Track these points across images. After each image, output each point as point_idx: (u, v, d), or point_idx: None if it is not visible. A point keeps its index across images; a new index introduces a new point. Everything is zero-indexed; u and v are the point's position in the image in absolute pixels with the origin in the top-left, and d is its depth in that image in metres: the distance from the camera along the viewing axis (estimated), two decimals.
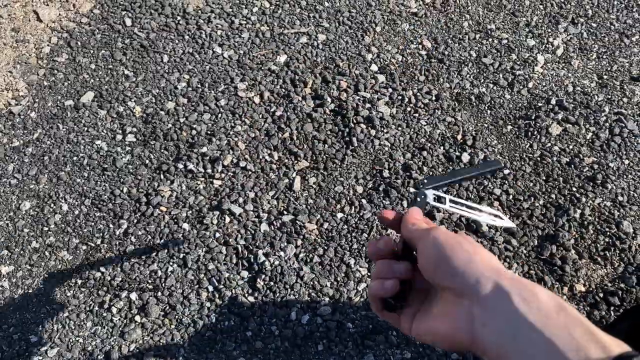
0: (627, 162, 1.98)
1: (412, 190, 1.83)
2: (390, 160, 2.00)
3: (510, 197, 1.91)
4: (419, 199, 0.79)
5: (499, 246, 1.80)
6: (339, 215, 1.87)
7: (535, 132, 2.07)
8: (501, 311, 0.52)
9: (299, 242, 1.80)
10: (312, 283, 1.73)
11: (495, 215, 0.84)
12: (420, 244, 0.63)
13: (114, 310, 1.71)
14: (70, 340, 1.67)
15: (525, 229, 1.84)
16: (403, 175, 1.95)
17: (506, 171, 1.97)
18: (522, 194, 1.92)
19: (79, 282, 1.78)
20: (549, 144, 2.05)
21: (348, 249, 1.79)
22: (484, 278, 0.55)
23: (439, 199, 0.83)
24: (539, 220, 1.86)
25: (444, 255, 0.59)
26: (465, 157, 2.00)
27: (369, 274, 1.75)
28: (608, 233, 1.82)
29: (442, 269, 0.58)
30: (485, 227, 1.83)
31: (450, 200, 0.80)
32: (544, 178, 1.96)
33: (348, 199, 1.91)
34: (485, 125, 2.12)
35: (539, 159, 2.01)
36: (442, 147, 2.04)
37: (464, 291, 0.56)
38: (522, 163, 2.00)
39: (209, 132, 2.09)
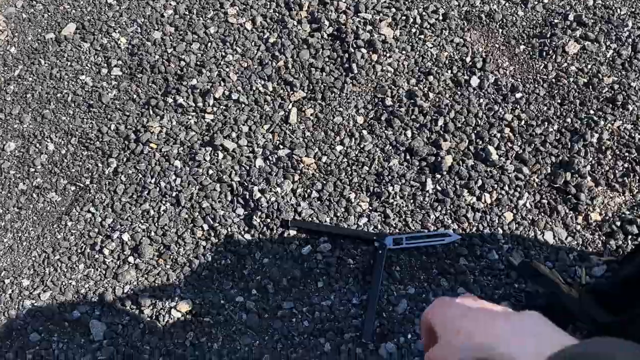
0: None
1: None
2: (393, 87, 1.86)
3: (522, 122, 1.78)
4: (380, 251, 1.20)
5: (509, 175, 1.68)
6: (338, 147, 1.76)
7: (551, 52, 1.91)
8: None
9: (296, 177, 1.71)
10: (310, 219, 1.64)
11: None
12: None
13: (106, 251, 1.65)
14: (63, 284, 1.62)
15: (538, 156, 1.72)
16: (407, 103, 1.82)
17: (518, 95, 1.82)
18: (535, 118, 1.78)
19: (69, 224, 1.71)
20: (565, 64, 1.88)
21: (348, 183, 1.69)
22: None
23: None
24: (553, 147, 1.73)
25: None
26: (475, 81, 1.85)
27: (370, 207, 1.66)
28: (627, 158, 1.69)
29: None
30: (495, 155, 1.71)
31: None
32: (559, 101, 1.82)
33: (348, 130, 1.79)
34: (497, 45, 1.95)
35: (554, 80, 1.86)
36: (449, 71, 1.89)
37: None
38: (536, 85, 1.85)
39: (198, 63, 1.95)
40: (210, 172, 1.73)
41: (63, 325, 1.56)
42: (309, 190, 1.68)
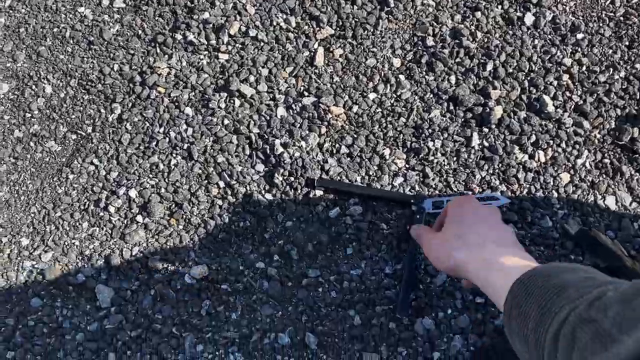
0: None
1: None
2: (435, 24, 1.61)
3: (584, 68, 1.54)
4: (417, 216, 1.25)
5: (567, 130, 1.47)
6: (372, 95, 1.54)
7: None
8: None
9: (323, 129, 1.50)
10: (339, 178, 1.45)
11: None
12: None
13: (112, 209, 1.49)
14: (66, 243, 1.47)
15: (601, 108, 1.49)
16: (451, 43, 1.58)
17: (579, 35, 1.57)
18: (598, 64, 1.54)
19: (71, 177, 1.54)
20: (635, 0, 1.62)
21: (382, 137, 1.49)
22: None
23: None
24: (619, 97, 1.50)
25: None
26: (529, 19, 1.60)
27: (406, 165, 1.46)
28: None
29: None
30: (551, 106, 1.49)
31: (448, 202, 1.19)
32: (627, 43, 1.57)
33: (382, 74, 1.56)
34: None
35: (621, 18, 1.60)
36: (500, 6, 1.63)
37: None
38: (600, 25, 1.59)
39: None
40: (226, 121, 1.53)
41: (67, 290, 1.42)
42: (337, 145, 1.49)
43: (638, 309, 0.51)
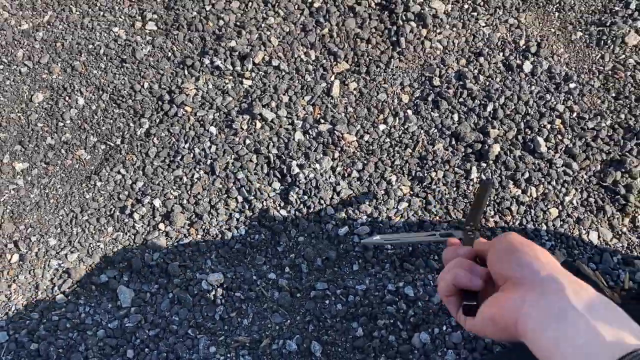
0: None
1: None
2: (442, 66, 1.77)
3: (575, 114, 1.70)
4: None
5: (558, 169, 1.62)
6: (382, 126, 1.69)
7: (609, 41, 1.81)
8: (552, 295, 0.58)
9: (336, 154, 1.64)
10: (349, 199, 1.59)
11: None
12: (493, 245, 0.71)
13: (136, 216, 1.60)
14: (91, 245, 1.58)
15: (589, 152, 1.65)
16: (456, 84, 1.74)
17: (572, 85, 1.74)
18: (587, 111, 1.71)
19: (99, 184, 1.65)
20: (623, 56, 1.79)
21: (390, 164, 1.63)
22: (545, 270, 0.61)
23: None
24: (605, 143, 1.66)
25: (516, 249, 0.66)
26: (527, 66, 1.77)
27: (411, 192, 1.60)
28: None
29: (511, 260, 0.66)
30: (543, 147, 1.64)
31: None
32: (614, 95, 1.74)
33: (392, 108, 1.71)
34: (552, 30, 1.85)
35: (610, 72, 1.77)
36: (501, 54, 1.80)
37: (524, 280, 0.62)
38: (591, 76, 1.77)
39: (238, 24, 1.86)
40: (247, 141, 1.66)
41: (90, 289, 1.52)
42: (349, 169, 1.62)
43: None
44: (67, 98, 1.78)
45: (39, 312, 1.49)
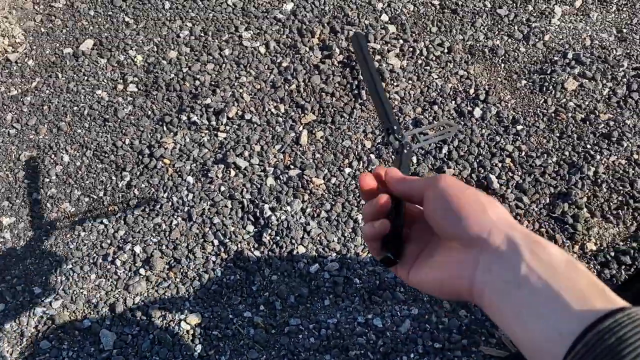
0: None
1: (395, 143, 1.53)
2: (400, 114, 1.94)
3: (523, 153, 1.86)
4: (405, 151, 0.72)
5: (510, 203, 1.76)
6: (347, 170, 1.83)
7: (551, 87, 2.00)
8: (509, 260, 0.50)
9: (306, 196, 1.77)
10: (319, 238, 1.70)
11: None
12: (427, 192, 0.58)
13: (118, 262, 1.69)
14: (75, 292, 1.65)
15: (538, 187, 1.80)
16: (413, 130, 1.90)
17: (519, 127, 1.91)
18: (535, 150, 1.87)
19: (82, 234, 1.75)
20: (564, 100, 1.98)
21: (356, 204, 1.76)
22: (496, 229, 0.52)
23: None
24: (552, 178, 1.81)
25: (457, 204, 0.55)
26: (478, 112, 1.94)
27: None
28: (622, 192, 1.77)
29: (453, 217, 0.55)
30: (496, 184, 1.78)
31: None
32: (558, 134, 1.91)
33: (356, 153, 1.86)
34: (499, 79, 2.05)
35: (553, 114, 1.95)
36: (453, 102, 1.97)
37: (472, 241, 0.53)
38: (536, 119, 1.94)
39: (212, 83, 2.02)
40: (222, 188, 1.79)
41: (73, 334, 1.58)
42: (318, 210, 1.74)
43: None
44: (52, 156, 1.90)
45: (24, 359, 1.54)
